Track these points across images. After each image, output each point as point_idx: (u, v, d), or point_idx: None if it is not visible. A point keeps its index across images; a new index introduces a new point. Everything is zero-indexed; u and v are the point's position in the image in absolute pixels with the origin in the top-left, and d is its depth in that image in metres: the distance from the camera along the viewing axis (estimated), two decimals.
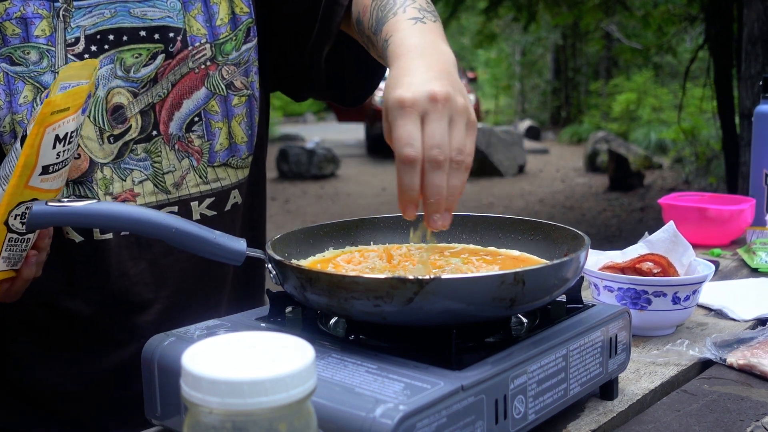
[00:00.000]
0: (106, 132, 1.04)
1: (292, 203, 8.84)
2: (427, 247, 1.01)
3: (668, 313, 1.12)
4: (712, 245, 1.68)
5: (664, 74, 13.70)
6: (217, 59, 1.10)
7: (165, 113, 1.07)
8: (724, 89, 5.95)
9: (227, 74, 1.10)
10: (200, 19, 1.09)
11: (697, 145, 9.30)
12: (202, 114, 1.09)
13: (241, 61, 1.12)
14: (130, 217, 0.88)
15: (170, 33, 1.07)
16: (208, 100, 1.10)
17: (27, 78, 1.00)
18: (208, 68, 1.09)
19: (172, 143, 1.08)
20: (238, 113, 1.12)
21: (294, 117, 22.89)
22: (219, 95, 1.10)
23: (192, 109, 1.09)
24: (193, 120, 1.09)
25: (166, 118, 1.07)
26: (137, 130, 1.06)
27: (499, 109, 20.94)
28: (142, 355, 0.80)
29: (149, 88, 1.06)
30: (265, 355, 0.47)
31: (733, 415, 0.87)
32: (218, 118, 1.10)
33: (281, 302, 0.88)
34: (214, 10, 1.09)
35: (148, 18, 1.06)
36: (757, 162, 1.75)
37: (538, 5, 7.90)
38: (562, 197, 8.82)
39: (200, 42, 1.08)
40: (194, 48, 1.08)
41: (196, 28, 1.08)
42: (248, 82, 1.13)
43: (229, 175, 1.13)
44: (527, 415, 0.75)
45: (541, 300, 0.78)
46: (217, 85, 1.10)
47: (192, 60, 1.08)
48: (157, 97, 1.07)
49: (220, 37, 1.10)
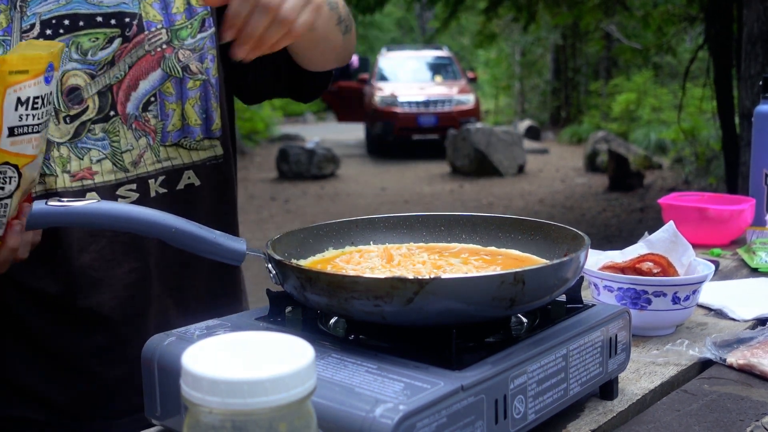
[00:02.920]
0: (62, 112, 1.07)
1: (292, 203, 8.84)
2: (427, 246, 1.01)
3: (668, 313, 1.12)
4: (712, 245, 1.68)
5: (664, 74, 13.71)
6: (173, 43, 1.13)
7: (122, 94, 1.10)
8: (724, 89, 5.95)
9: (183, 57, 1.14)
10: (156, 7, 1.12)
11: (697, 145, 9.30)
12: (158, 95, 1.12)
13: (196, 47, 1.15)
14: (130, 216, 0.88)
15: (126, 18, 1.10)
16: (164, 82, 1.13)
17: None
18: (165, 51, 1.12)
19: (130, 123, 1.11)
20: (192, 96, 1.15)
21: (294, 117, 22.89)
22: (175, 77, 1.14)
23: (148, 90, 1.12)
24: (149, 100, 1.12)
25: (123, 99, 1.10)
26: (95, 110, 1.09)
27: (499, 109, 20.95)
28: (142, 355, 0.80)
29: (107, 70, 1.09)
30: (265, 355, 0.47)
31: (733, 415, 0.88)
32: (172, 99, 1.14)
33: (281, 302, 0.88)
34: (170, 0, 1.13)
35: (104, 5, 1.08)
36: (757, 162, 1.75)
37: (538, 5, 7.91)
38: (562, 197, 8.82)
39: (156, 27, 1.12)
40: (150, 32, 1.11)
41: (152, 15, 1.12)
42: (203, 68, 1.16)
43: (181, 155, 1.15)
44: (527, 415, 0.75)
45: (541, 300, 0.78)
46: (173, 68, 1.13)
47: (148, 43, 1.11)
48: (114, 79, 1.09)
49: (176, 24, 1.13)
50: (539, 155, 12.72)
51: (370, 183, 10.32)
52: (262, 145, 14.88)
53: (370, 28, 25.66)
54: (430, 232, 1.04)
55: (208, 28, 1.16)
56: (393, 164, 12.25)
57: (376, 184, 10.21)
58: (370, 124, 13.44)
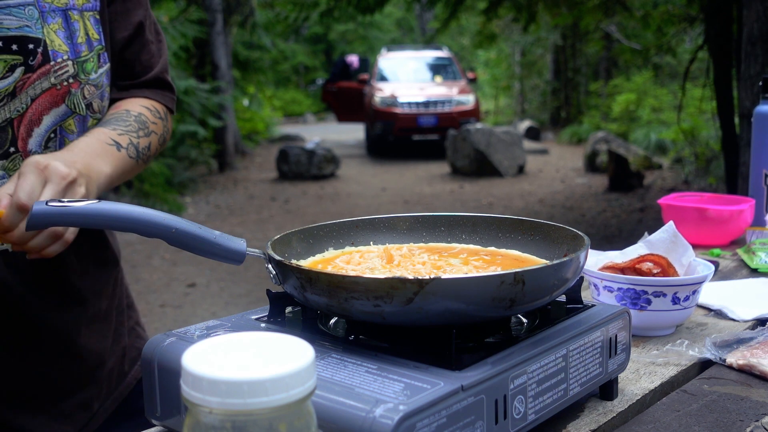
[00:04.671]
0: None
1: (292, 203, 8.84)
2: (427, 247, 1.01)
3: (668, 313, 1.13)
4: (711, 245, 1.68)
5: (664, 75, 13.70)
6: (79, 77, 1.08)
7: (24, 129, 1.04)
8: (723, 89, 5.95)
9: (88, 94, 1.09)
10: (61, 35, 1.06)
11: (696, 145, 9.30)
12: (58, 131, 1.07)
13: (99, 83, 1.11)
14: (131, 217, 0.88)
15: (30, 44, 1.02)
16: (66, 118, 1.08)
17: None
18: (71, 85, 1.07)
19: None
20: None
21: (294, 117, 22.91)
22: (78, 114, 1.09)
23: (50, 126, 1.06)
24: (49, 136, 1.07)
25: (24, 135, 1.04)
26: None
27: (499, 109, 20.94)
28: (142, 356, 0.80)
29: (7, 102, 1.02)
30: (265, 355, 0.47)
31: (732, 415, 0.88)
32: (73, 137, 1.09)
33: (281, 302, 0.88)
34: (75, 27, 1.08)
35: (4, 27, 1.01)
36: (757, 162, 1.75)
37: (538, 5, 7.91)
38: (562, 197, 8.82)
39: (62, 58, 1.06)
40: (56, 63, 1.05)
41: (57, 44, 1.05)
42: (102, 106, 1.12)
43: None
44: (527, 415, 0.75)
45: (541, 300, 0.78)
46: (77, 104, 1.08)
47: (54, 75, 1.05)
48: (15, 113, 1.03)
49: (81, 56, 1.08)
50: (539, 155, 12.72)
51: (370, 183, 10.32)
52: (262, 146, 14.89)
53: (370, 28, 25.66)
54: (430, 233, 1.04)
55: (104, 64, 1.12)
56: (393, 164, 12.26)
57: (376, 184, 10.21)
58: (370, 125, 13.44)
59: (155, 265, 6.03)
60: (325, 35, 25.91)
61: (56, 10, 1.05)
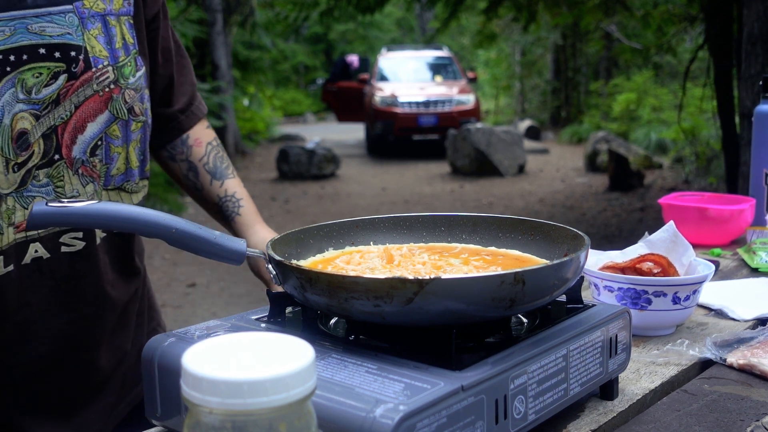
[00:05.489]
0: (11, 161, 0.99)
1: (292, 203, 8.83)
2: (427, 247, 1.01)
3: (668, 313, 1.12)
4: (712, 245, 1.68)
5: (664, 74, 13.70)
6: (119, 82, 1.08)
7: (68, 136, 1.04)
8: (724, 89, 5.95)
9: (129, 99, 1.10)
10: (101, 41, 1.07)
11: (697, 145, 9.30)
12: (104, 138, 1.08)
13: (138, 86, 1.12)
14: (131, 217, 0.88)
15: (72, 51, 1.03)
16: (110, 124, 1.08)
17: None
18: (112, 91, 1.07)
19: (76, 167, 1.06)
20: (135, 138, 1.12)
21: (294, 117, 22.91)
22: (121, 120, 1.09)
23: (96, 133, 1.06)
24: (96, 144, 1.07)
25: (69, 142, 1.04)
26: (39, 155, 1.02)
27: (499, 109, 20.94)
28: (143, 356, 0.80)
29: (51, 109, 1.02)
30: (265, 355, 0.47)
31: (733, 415, 0.87)
32: (118, 143, 1.10)
33: (281, 303, 0.88)
34: (113, 32, 1.08)
35: (46, 34, 1.01)
36: (757, 162, 1.75)
37: (538, 5, 7.90)
38: (562, 197, 8.82)
39: (103, 64, 1.06)
40: (98, 70, 1.05)
41: (98, 50, 1.06)
42: (143, 109, 1.13)
43: (122, 198, 1.13)
44: (527, 415, 0.75)
45: (541, 300, 0.78)
46: (120, 110, 1.09)
47: (96, 82, 1.05)
48: (59, 120, 1.03)
49: (120, 61, 1.09)
50: (539, 155, 12.72)
51: (370, 183, 10.32)
52: (262, 145, 14.89)
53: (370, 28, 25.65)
54: (430, 233, 1.04)
55: (141, 67, 1.13)
56: (393, 164, 12.25)
57: (376, 184, 10.21)
58: (370, 125, 13.44)
59: (155, 265, 6.03)
60: (325, 35, 25.91)
61: (95, 15, 1.06)
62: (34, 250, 1.06)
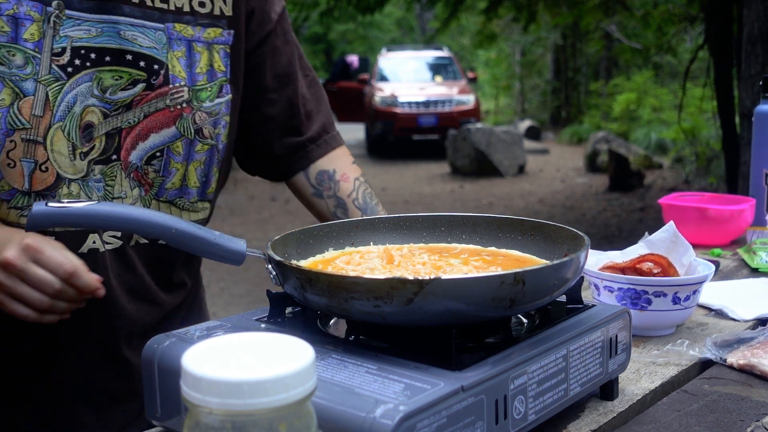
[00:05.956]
0: (78, 148, 1.04)
1: (293, 203, 8.83)
2: (427, 247, 1.01)
3: (668, 313, 1.12)
4: (712, 245, 1.68)
5: (664, 74, 13.71)
6: (192, 103, 1.11)
7: (130, 141, 1.08)
8: (724, 89, 5.95)
9: (199, 120, 1.12)
10: (182, 63, 1.10)
11: (697, 145, 9.30)
12: (165, 151, 1.10)
13: (212, 111, 1.13)
14: (130, 217, 0.88)
15: (155, 65, 1.07)
16: (175, 140, 1.11)
17: (7, 80, 0.99)
18: (183, 110, 1.10)
19: (129, 171, 1.09)
20: (198, 159, 1.14)
21: None
22: (186, 138, 1.11)
23: (157, 144, 1.09)
24: (154, 154, 1.10)
25: (129, 146, 1.08)
26: (99, 150, 1.06)
27: (499, 109, 20.94)
28: (143, 356, 0.80)
29: (122, 112, 1.06)
30: (265, 356, 0.47)
31: (733, 415, 0.87)
32: (179, 159, 1.12)
33: (281, 303, 0.88)
34: (196, 58, 1.12)
35: (137, 43, 1.06)
36: (757, 162, 1.75)
37: (538, 5, 7.90)
38: (562, 197, 8.82)
39: (180, 83, 1.10)
40: (174, 87, 1.09)
41: (177, 70, 1.10)
42: (215, 133, 1.14)
43: (172, 212, 1.14)
44: (527, 416, 0.75)
45: (541, 300, 0.78)
46: (187, 128, 1.11)
47: (170, 98, 1.09)
48: (126, 123, 1.07)
49: (198, 84, 1.12)
50: (539, 155, 12.72)
51: (370, 183, 10.26)
52: None
53: (370, 28, 25.66)
54: (430, 233, 1.04)
55: (225, 95, 1.15)
56: (393, 164, 12.25)
57: (376, 184, 10.21)
58: (370, 125, 13.44)
59: None
60: (325, 35, 25.91)
61: (182, 39, 1.10)
62: (92, 240, 1.08)
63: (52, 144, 1.01)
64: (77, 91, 1.02)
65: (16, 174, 1.00)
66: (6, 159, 0.99)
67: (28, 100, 0.99)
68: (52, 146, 1.01)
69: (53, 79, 1.01)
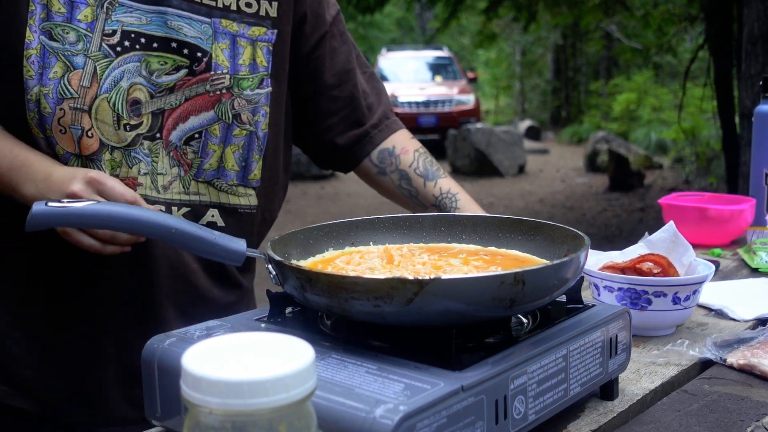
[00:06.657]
0: (123, 120, 1.10)
1: (293, 204, 8.83)
2: (427, 247, 1.01)
3: (668, 313, 1.12)
4: (712, 245, 1.68)
5: (664, 74, 13.71)
6: (233, 90, 1.17)
7: (171, 122, 1.14)
8: (724, 89, 5.95)
9: (238, 106, 1.17)
10: (226, 54, 1.17)
11: (697, 145, 9.30)
12: (203, 133, 1.16)
13: (252, 100, 1.18)
14: (131, 217, 0.88)
15: (198, 53, 1.14)
16: (212, 123, 1.16)
17: (60, 55, 1.07)
18: (223, 95, 1.16)
19: (169, 150, 1.14)
20: (235, 143, 1.18)
21: None
22: (223, 122, 1.16)
23: (195, 126, 1.15)
24: (193, 136, 1.15)
25: (170, 126, 1.14)
26: (147, 127, 1.13)
27: (499, 109, 20.95)
28: (143, 356, 0.80)
29: (165, 95, 1.13)
30: (265, 356, 0.47)
31: (733, 415, 0.87)
32: (216, 141, 1.16)
33: (281, 303, 0.88)
34: (239, 51, 1.18)
35: (182, 33, 1.13)
36: (758, 162, 1.75)
37: (538, 5, 7.91)
38: (562, 197, 8.82)
39: (222, 71, 1.16)
40: (215, 74, 1.15)
41: (221, 59, 1.16)
42: (253, 120, 1.19)
43: (210, 193, 1.18)
44: (527, 416, 0.75)
45: (541, 300, 0.78)
46: (225, 113, 1.16)
47: (211, 83, 1.15)
48: (168, 105, 1.13)
49: (240, 73, 1.17)
50: (539, 155, 12.72)
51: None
52: None
53: (370, 28, 25.65)
54: (430, 233, 1.04)
55: (265, 87, 1.20)
56: None
57: None
58: None
59: None
60: None
61: (227, 33, 1.17)
62: None
63: (96, 113, 1.08)
64: (125, 68, 1.10)
65: (68, 139, 1.08)
66: (58, 125, 1.07)
67: (77, 73, 1.07)
68: (97, 115, 1.08)
69: (102, 55, 1.08)
